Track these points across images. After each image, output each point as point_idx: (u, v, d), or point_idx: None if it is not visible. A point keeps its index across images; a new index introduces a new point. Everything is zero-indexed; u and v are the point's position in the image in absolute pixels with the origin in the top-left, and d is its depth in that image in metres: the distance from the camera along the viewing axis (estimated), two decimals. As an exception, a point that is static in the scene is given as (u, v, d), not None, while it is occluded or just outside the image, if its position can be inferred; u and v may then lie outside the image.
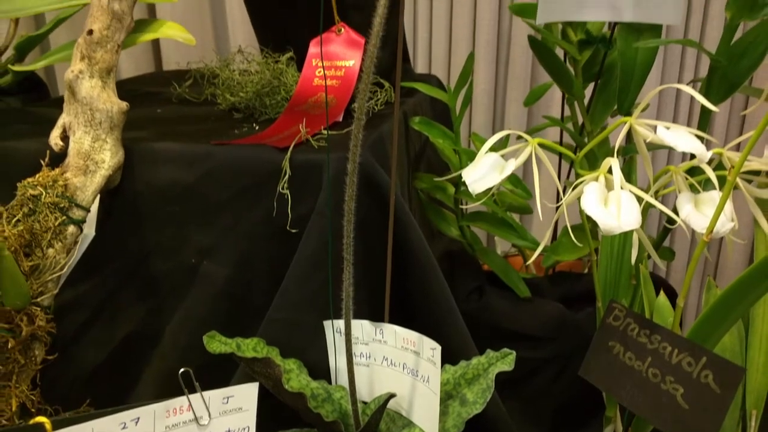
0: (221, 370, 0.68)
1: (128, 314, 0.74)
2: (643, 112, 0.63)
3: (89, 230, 0.66)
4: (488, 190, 0.62)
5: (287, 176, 0.66)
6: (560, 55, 0.95)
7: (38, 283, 0.60)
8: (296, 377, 0.67)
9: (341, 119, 0.80)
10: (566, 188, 1.05)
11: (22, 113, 0.93)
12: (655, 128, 0.60)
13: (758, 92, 0.85)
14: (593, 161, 0.91)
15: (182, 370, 0.53)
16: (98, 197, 0.66)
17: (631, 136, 0.63)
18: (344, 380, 0.67)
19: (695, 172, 0.67)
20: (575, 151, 1.01)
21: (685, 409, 0.55)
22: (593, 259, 0.70)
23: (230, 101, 0.87)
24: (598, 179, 0.58)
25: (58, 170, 0.64)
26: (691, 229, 0.58)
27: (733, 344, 0.69)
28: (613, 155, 0.60)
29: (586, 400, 0.85)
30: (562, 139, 1.12)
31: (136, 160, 0.69)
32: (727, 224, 0.56)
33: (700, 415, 0.54)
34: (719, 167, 0.65)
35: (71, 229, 0.63)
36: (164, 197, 0.70)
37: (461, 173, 0.64)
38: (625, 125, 0.62)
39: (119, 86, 0.70)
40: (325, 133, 0.73)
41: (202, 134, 0.76)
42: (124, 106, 0.67)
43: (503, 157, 0.64)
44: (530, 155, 0.63)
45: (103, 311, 0.74)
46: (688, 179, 0.63)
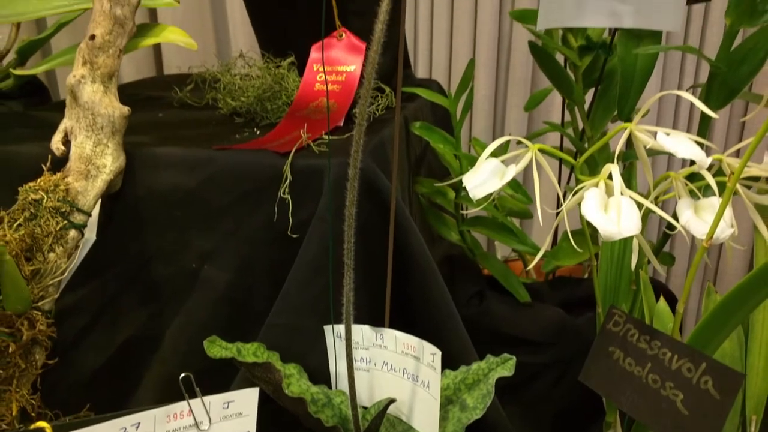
0: (222, 374, 0.68)
1: (129, 319, 0.74)
2: (643, 117, 0.63)
3: (90, 235, 0.66)
4: (489, 195, 0.62)
5: (288, 181, 0.66)
6: (560, 60, 0.95)
7: (39, 287, 0.61)
8: (296, 382, 0.67)
9: (342, 124, 0.80)
10: (566, 193, 1.05)
11: (23, 117, 0.93)
12: (655, 134, 0.60)
13: (758, 98, 0.85)
14: (593, 167, 0.91)
15: (183, 375, 0.53)
16: (99, 202, 0.66)
17: (631, 141, 0.63)
18: (344, 385, 0.67)
19: (695, 178, 0.67)
20: (575, 156, 1.01)
21: (684, 414, 0.55)
22: (593, 264, 0.70)
23: (231, 106, 0.88)
24: (598, 185, 0.59)
25: (59, 175, 0.64)
26: (690, 235, 0.58)
27: (732, 350, 0.69)
28: (613, 161, 0.60)
29: (586, 405, 0.85)
30: (562, 144, 1.12)
31: (137, 164, 0.70)
32: (726, 230, 0.56)
33: (699, 420, 0.54)
34: (719, 173, 0.65)
35: (72, 233, 0.63)
36: (165, 202, 0.70)
37: (462, 178, 0.64)
38: (625, 131, 0.63)
39: (120, 90, 0.70)
40: (326, 138, 0.73)
41: (203, 139, 0.76)
42: (125, 110, 0.67)
43: (504, 162, 0.64)
44: (531, 161, 0.63)
45: (103, 316, 0.74)
46: (687, 185, 0.63)
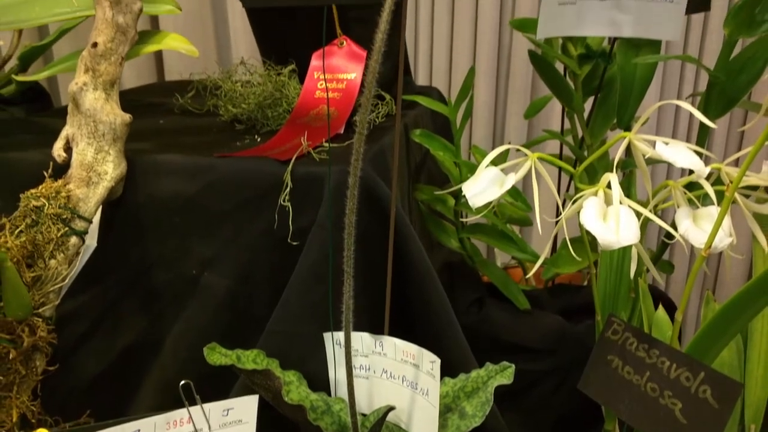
0: (221, 380, 0.68)
1: (129, 325, 0.74)
2: (642, 126, 0.63)
3: (91, 241, 0.66)
4: (488, 203, 0.62)
5: (288, 189, 0.67)
6: (560, 69, 0.95)
7: (40, 294, 0.61)
8: (296, 389, 0.67)
9: (342, 131, 0.80)
10: (566, 201, 1.05)
11: (25, 123, 0.93)
12: (654, 144, 0.60)
13: (757, 107, 0.85)
14: (593, 174, 0.92)
15: (183, 382, 0.53)
16: (100, 208, 0.66)
17: (630, 150, 0.63)
18: (344, 392, 0.67)
19: (694, 186, 0.67)
20: (575, 164, 1.01)
21: (683, 423, 0.55)
22: (592, 272, 0.70)
23: (232, 113, 0.88)
24: (597, 194, 0.59)
25: (61, 181, 0.64)
26: (689, 243, 0.58)
27: (731, 359, 0.70)
28: (612, 169, 0.60)
29: (585, 412, 0.85)
30: (562, 151, 1.13)
31: (138, 171, 0.70)
32: (725, 239, 0.57)
33: (698, 429, 0.54)
34: (718, 182, 0.65)
35: (73, 240, 0.63)
36: (166, 209, 0.71)
37: (461, 186, 0.65)
38: (624, 140, 0.63)
39: (121, 96, 0.71)
40: (326, 145, 0.73)
41: (204, 146, 0.76)
42: (127, 118, 0.67)
43: (503, 171, 0.64)
44: (530, 169, 0.63)
45: (104, 322, 0.74)
46: (686, 194, 0.63)
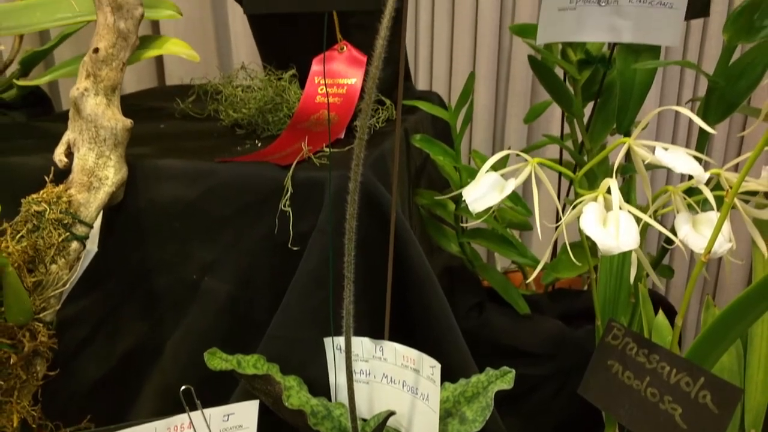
0: (222, 384, 0.68)
1: (130, 330, 0.74)
2: (642, 131, 0.63)
3: (92, 246, 0.66)
4: (488, 208, 0.63)
5: (289, 194, 0.67)
6: (560, 74, 0.95)
7: (41, 299, 0.61)
8: (296, 394, 0.67)
9: (343, 136, 0.80)
10: (566, 206, 1.05)
11: (26, 128, 0.93)
12: (653, 149, 0.60)
13: (756, 112, 0.85)
14: (593, 179, 0.92)
15: (183, 387, 0.53)
16: (101, 213, 0.67)
17: (630, 154, 0.64)
18: (344, 397, 0.67)
19: (694, 192, 0.67)
20: (575, 168, 1.01)
21: (683, 428, 0.55)
22: (592, 277, 0.71)
23: (233, 117, 0.88)
24: (597, 199, 0.59)
25: (62, 186, 0.64)
26: (689, 249, 0.58)
27: (731, 364, 0.70)
28: (612, 174, 0.60)
29: (585, 417, 0.85)
30: (561, 155, 1.13)
31: (139, 176, 0.70)
32: (724, 245, 0.57)
33: (698, 435, 0.54)
34: (717, 187, 0.65)
35: (74, 245, 0.63)
36: (167, 213, 0.71)
37: (462, 191, 0.65)
38: (624, 145, 0.63)
39: (122, 101, 0.70)
40: (327, 150, 0.73)
41: (204, 150, 0.76)
42: (128, 123, 0.67)
43: (503, 176, 0.64)
44: (530, 175, 0.63)
45: (104, 327, 0.74)
46: (686, 199, 0.63)
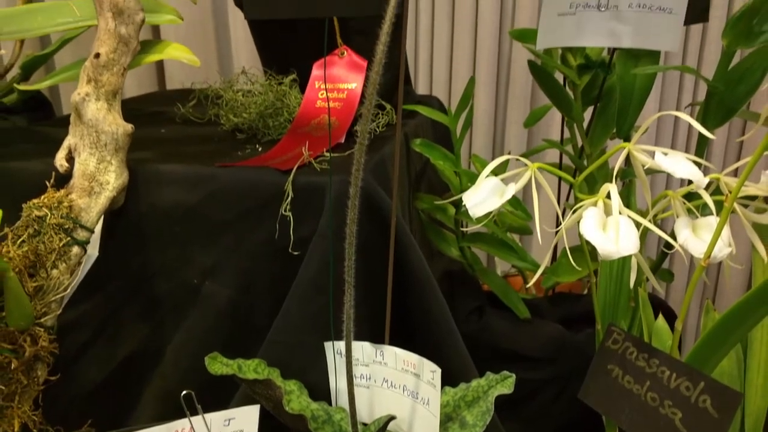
0: (222, 389, 0.68)
1: (130, 334, 0.74)
2: (642, 135, 0.63)
3: (93, 251, 0.66)
4: (488, 213, 0.63)
5: (290, 198, 0.67)
6: (560, 79, 0.96)
7: (42, 303, 0.61)
8: (297, 398, 0.67)
9: (343, 141, 0.81)
10: (566, 210, 1.05)
11: (27, 132, 0.93)
12: (653, 154, 0.60)
13: (756, 116, 0.86)
14: (592, 184, 0.92)
15: (184, 392, 0.53)
16: (102, 218, 0.67)
17: (630, 159, 0.64)
18: (344, 401, 0.67)
19: (693, 196, 0.68)
20: (574, 173, 1.01)
21: (683, 433, 0.55)
22: (592, 281, 0.71)
23: (233, 122, 0.88)
24: (596, 204, 0.59)
25: (63, 191, 0.64)
26: (689, 253, 0.58)
27: (731, 368, 0.70)
28: (612, 178, 0.60)
29: (585, 421, 0.85)
30: (561, 160, 1.13)
31: (140, 181, 0.70)
32: (724, 249, 0.57)
33: (698, 439, 0.54)
34: (717, 191, 0.66)
35: (75, 249, 0.63)
36: (167, 218, 0.71)
37: (462, 196, 0.65)
38: (623, 150, 0.63)
39: (123, 105, 0.70)
40: (327, 155, 0.73)
41: (205, 155, 0.76)
42: (129, 128, 0.67)
43: (503, 181, 0.64)
44: (530, 179, 0.63)
45: (105, 331, 0.74)
46: (685, 204, 0.64)
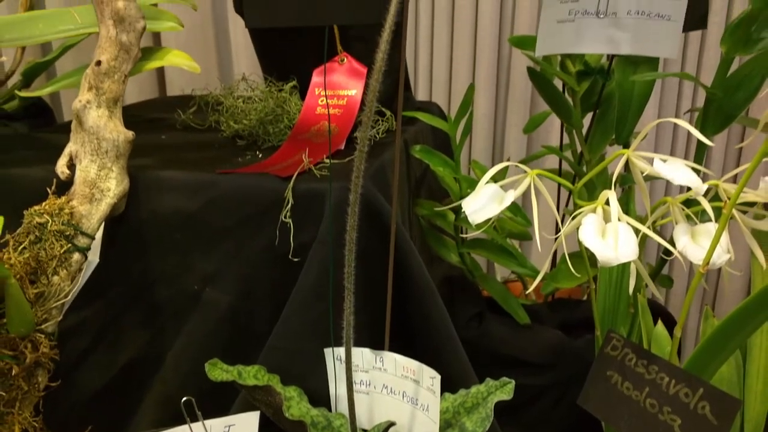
0: (222, 395, 0.68)
1: (131, 340, 0.74)
2: (641, 141, 0.64)
3: (94, 257, 0.66)
4: (488, 220, 0.63)
5: (290, 205, 0.67)
6: (559, 85, 0.96)
7: (43, 310, 0.61)
8: (296, 405, 0.67)
9: (343, 147, 0.81)
10: (565, 216, 1.05)
11: (28, 139, 0.94)
12: (652, 161, 0.61)
13: (755, 122, 0.86)
14: (592, 190, 0.92)
15: (184, 399, 0.53)
16: (103, 224, 0.67)
17: (629, 165, 0.64)
18: (344, 408, 0.67)
19: (692, 203, 0.68)
20: (574, 179, 1.02)
21: (682, 440, 0.55)
22: (592, 287, 0.71)
23: (234, 128, 0.88)
24: (595, 211, 0.59)
25: (64, 198, 0.65)
26: (688, 260, 0.59)
27: (730, 374, 0.70)
28: (611, 185, 0.60)
29: (585, 427, 0.85)
30: (561, 166, 1.13)
31: (140, 187, 0.70)
32: (723, 256, 0.57)
33: (697, 446, 0.54)
34: (716, 198, 0.66)
35: (76, 256, 0.63)
36: (168, 225, 0.71)
37: (461, 203, 0.65)
38: (623, 156, 0.63)
39: (123, 111, 0.71)
40: (327, 161, 0.73)
41: (206, 162, 0.77)
42: (130, 135, 0.68)
43: (502, 187, 0.65)
44: (529, 186, 0.64)
45: (106, 337, 0.74)
46: (684, 210, 0.64)
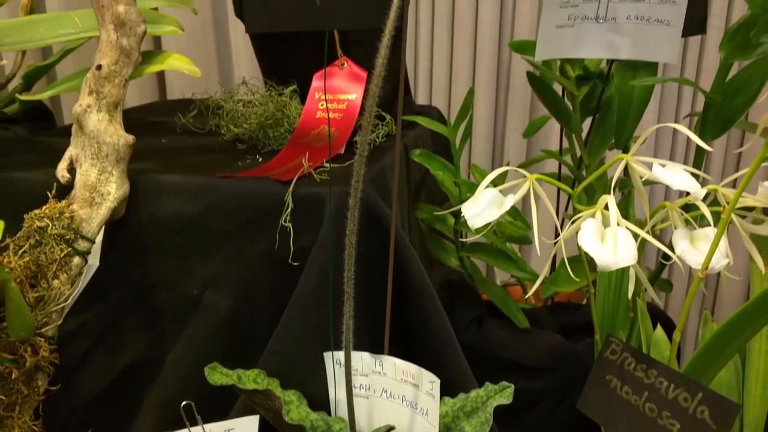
0: (222, 399, 0.68)
1: (131, 344, 0.74)
2: (640, 146, 0.64)
3: (94, 261, 0.66)
4: (487, 224, 0.63)
5: (290, 209, 0.67)
6: (558, 90, 0.96)
7: (43, 314, 0.61)
8: (296, 409, 0.67)
9: (343, 151, 0.81)
10: (564, 221, 1.06)
11: (28, 142, 0.94)
12: (651, 165, 0.61)
13: (754, 127, 0.86)
14: (591, 194, 0.92)
15: (184, 403, 0.53)
16: (103, 228, 0.67)
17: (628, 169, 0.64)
18: (344, 412, 0.67)
19: (691, 207, 0.68)
20: (573, 183, 1.02)
21: (682, 444, 0.55)
22: (591, 291, 0.71)
23: (234, 132, 0.89)
24: (595, 215, 0.59)
25: (64, 202, 0.65)
26: (687, 264, 0.59)
27: (729, 379, 0.70)
28: (610, 188, 0.60)
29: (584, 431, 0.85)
30: (560, 170, 1.14)
31: (140, 191, 0.71)
32: (722, 260, 0.57)
33: (696, 450, 0.54)
34: (715, 202, 0.66)
35: (76, 260, 0.63)
36: (168, 229, 0.71)
37: (461, 207, 0.65)
38: (622, 161, 0.63)
39: (124, 115, 0.71)
40: (327, 166, 0.74)
41: (206, 166, 0.77)
42: (130, 139, 0.68)
43: (502, 192, 0.65)
44: (528, 190, 0.64)
45: (105, 341, 0.74)
46: (683, 215, 0.64)
